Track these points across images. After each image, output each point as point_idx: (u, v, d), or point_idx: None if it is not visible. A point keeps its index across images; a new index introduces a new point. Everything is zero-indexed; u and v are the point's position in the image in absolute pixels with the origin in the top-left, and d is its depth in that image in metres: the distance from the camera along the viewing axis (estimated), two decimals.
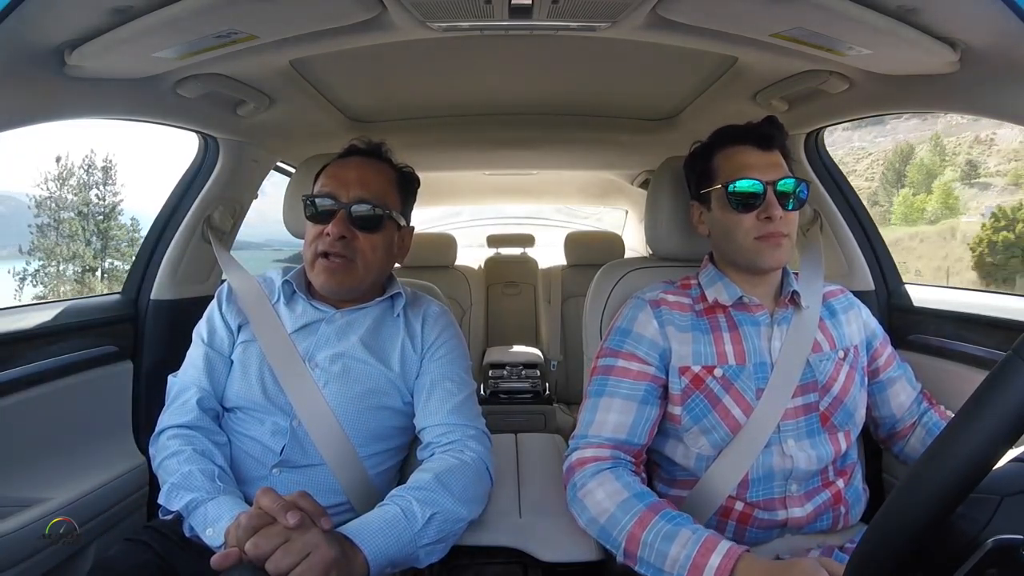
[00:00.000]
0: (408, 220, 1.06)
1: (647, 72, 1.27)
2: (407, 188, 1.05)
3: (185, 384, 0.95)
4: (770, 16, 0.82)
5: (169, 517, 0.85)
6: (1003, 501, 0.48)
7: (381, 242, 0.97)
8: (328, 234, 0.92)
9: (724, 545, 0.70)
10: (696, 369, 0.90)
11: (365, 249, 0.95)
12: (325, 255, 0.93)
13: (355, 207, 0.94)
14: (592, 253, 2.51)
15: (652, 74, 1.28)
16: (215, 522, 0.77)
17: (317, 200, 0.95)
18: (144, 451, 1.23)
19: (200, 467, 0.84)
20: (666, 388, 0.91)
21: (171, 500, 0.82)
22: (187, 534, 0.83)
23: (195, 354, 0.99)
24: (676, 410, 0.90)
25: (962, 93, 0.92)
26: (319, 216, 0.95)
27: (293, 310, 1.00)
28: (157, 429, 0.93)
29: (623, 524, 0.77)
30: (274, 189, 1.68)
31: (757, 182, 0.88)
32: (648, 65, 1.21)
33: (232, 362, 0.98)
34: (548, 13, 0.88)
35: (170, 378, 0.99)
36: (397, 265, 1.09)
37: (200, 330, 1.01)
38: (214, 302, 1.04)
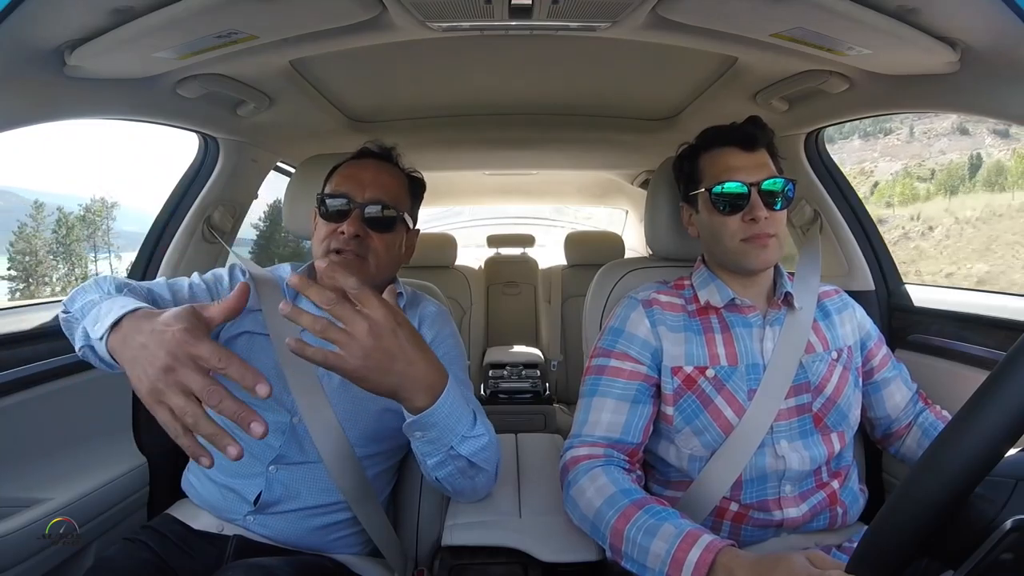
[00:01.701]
0: (415, 223, 1.07)
1: (647, 72, 1.27)
2: (416, 192, 1.07)
3: (164, 283, 0.92)
4: (770, 16, 0.82)
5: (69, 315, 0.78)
6: (1018, 484, 0.48)
7: (394, 242, 0.98)
8: (343, 232, 0.92)
9: (705, 539, 0.69)
10: (688, 369, 0.90)
11: (379, 248, 0.95)
12: (337, 251, 0.93)
13: (369, 207, 0.94)
14: (592, 253, 2.51)
15: (652, 74, 1.28)
16: (107, 315, 0.68)
17: (332, 199, 0.95)
18: (144, 451, 1.23)
19: (119, 281, 0.79)
20: (659, 387, 0.91)
21: (73, 297, 0.78)
22: (78, 344, 0.74)
23: (188, 281, 0.96)
24: (668, 410, 0.90)
25: (962, 93, 0.92)
26: (333, 215, 0.95)
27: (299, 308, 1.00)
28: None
29: (608, 519, 0.77)
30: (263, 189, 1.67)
31: (740, 184, 0.88)
32: (648, 65, 1.21)
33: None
34: (548, 13, 0.88)
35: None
36: None
37: (203, 274, 0.99)
38: (228, 268, 1.02)
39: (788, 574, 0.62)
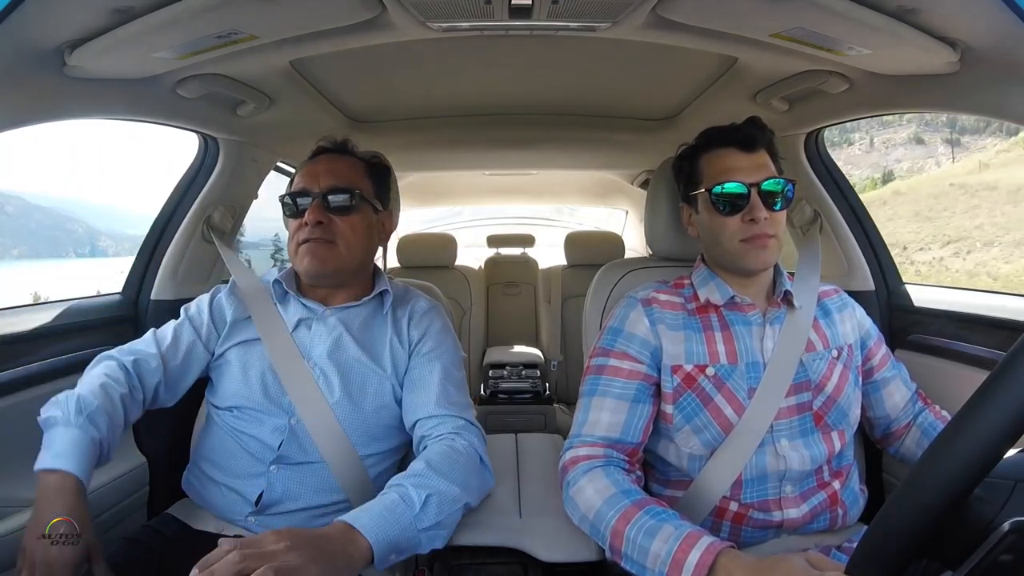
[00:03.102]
0: (385, 205, 1.08)
1: (647, 72, 1.27)
2: (379, 175, 1.07)
3: (151, 337, 1.00)
4: (770, 16, 0.82)
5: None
6: (1016, 486, 0.47)
7: (359, 223, 0.99)
8: (307, 223, 0.95)
9: (705, 540, 0.69)
10: (688, 368, 0.90)
11: (344, 231, 0.97)
12: (306, 241, 0.96)
13: (328, 195, 0.97)
14: (592, 253, 2.51)
15: (652, 74, 1.28)
16: (48, 448, 0.80)
17: (292, 198, 0.99)
18: (144, 451, 1.23)
19: (88, 393, 0.85)
20: (659, 386, 0.91)
21: (47, 407, 0.85)
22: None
23: (174, 324, 1.02)
24: (668, 408, 0.90)
25: (962, 93, 0.92)
26: (297, 211, 0.98)
27: (286, 308, 1.01)
28: (107, 352, 0.97)
29: (608, 519, 0.77)
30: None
31: (740, 184, 0.88)
32: (648, 65, 1.21)
33: (210, 353, 1.00)
34: (548, 13, 0.88)
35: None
36: (397, 265, 1.09)
37: (188, 307, 1.05)
38: (212, 291, 1.06)
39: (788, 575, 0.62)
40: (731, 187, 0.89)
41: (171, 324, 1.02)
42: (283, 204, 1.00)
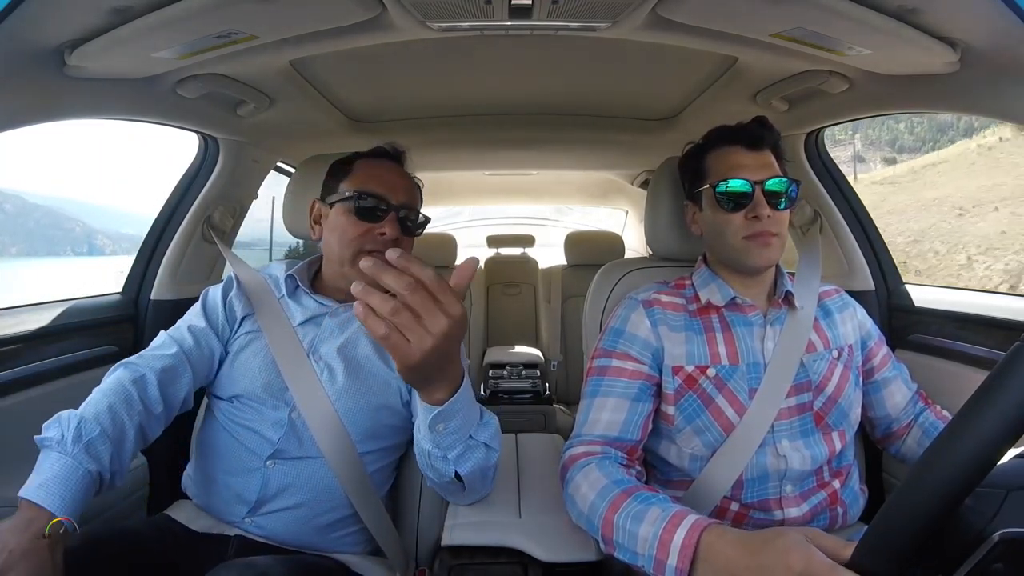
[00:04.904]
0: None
1: (647, 72, 1.27)
2: (420, 198, 1.09)
3: (169, 340, 0.96)
4: (770, 16, 0.82)
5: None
6: (1008, 495, 0.47)
7: (409, 247, 1.01)
8: (381, 233, 0.94)
9: (690, 519, 0.66)
10: (689, 369, 0.90)
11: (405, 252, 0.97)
12: (370, 252, 0.93)
13: (403, 211, 0.98)
14: (592, 253, 2.51)
15: (652, 74, 1.28)
16: (37, 472, 0.74)
17: (366, 198, 0.96)
18: (144, 451, 1.23)
19: (92, 417, 0.80)
20: (660, 386, 0.91)
21: (49, 424, 0.80)
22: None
23: (188, 318, 1.00)
24: (670, 410, 0.90)
25: (962, 93, 0.92)
26: (368, 213, 0.96)
27: (297, 303, 1.01)
28: (124, 360, 0.92)
29: (600, 511, 0.75)
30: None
31: (745, 181, 0.89)
32: (648, 65, 1.21)
33: (224, 349, 0.99)
34: (548, 13, 0.88)
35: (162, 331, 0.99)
36: None
37: (196, 306, 1.02)
38: (219, 285, 1.04)
39: (782, 551, 0.56)
40: (735, 184, 0.89)
41: (185, 324, 0.99)
42: (353, 200, 0.95)
